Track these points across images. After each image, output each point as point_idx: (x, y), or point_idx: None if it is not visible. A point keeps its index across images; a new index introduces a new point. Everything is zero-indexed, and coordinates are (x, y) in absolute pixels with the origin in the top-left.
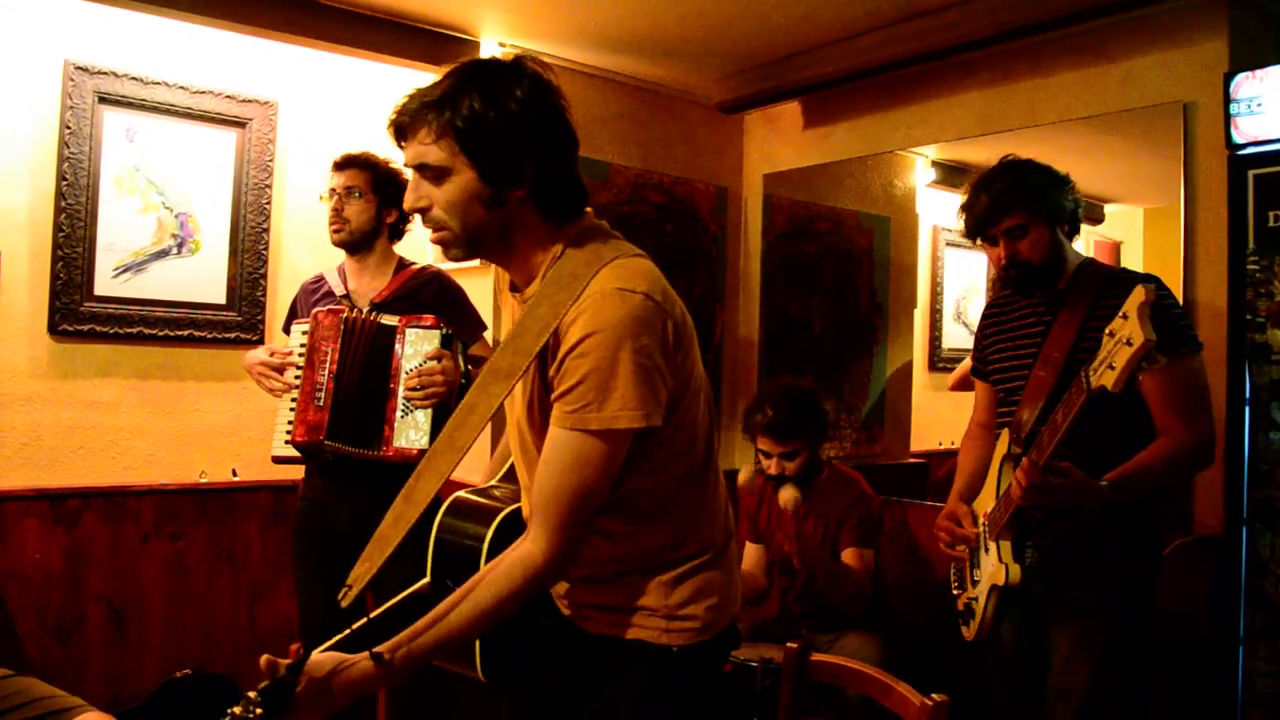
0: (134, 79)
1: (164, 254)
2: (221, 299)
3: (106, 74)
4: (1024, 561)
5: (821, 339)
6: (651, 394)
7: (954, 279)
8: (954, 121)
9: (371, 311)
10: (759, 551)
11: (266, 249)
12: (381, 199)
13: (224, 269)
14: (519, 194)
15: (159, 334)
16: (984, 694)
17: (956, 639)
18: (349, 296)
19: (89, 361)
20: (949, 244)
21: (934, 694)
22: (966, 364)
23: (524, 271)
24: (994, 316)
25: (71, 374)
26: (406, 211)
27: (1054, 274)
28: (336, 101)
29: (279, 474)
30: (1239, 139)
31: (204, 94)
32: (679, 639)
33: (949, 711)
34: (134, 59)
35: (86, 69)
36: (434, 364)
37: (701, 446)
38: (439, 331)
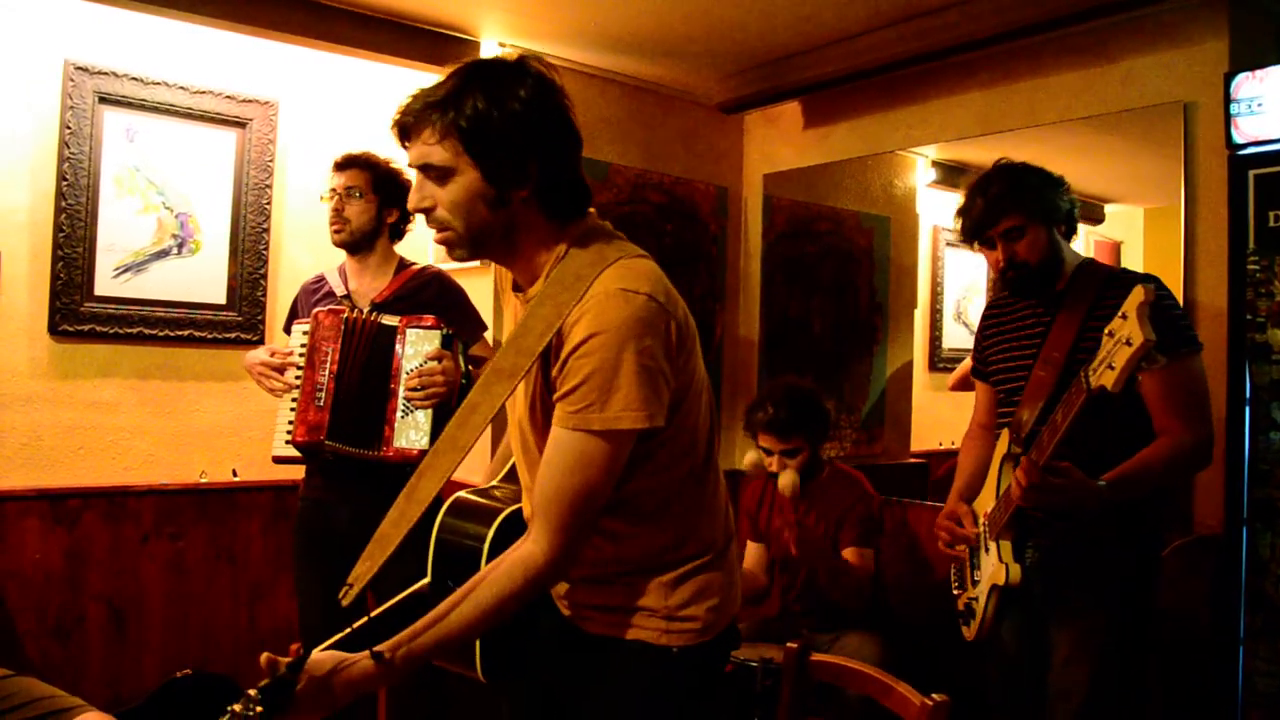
0: (134, 79)
1: (164, 254)
2: (221, 299)
3: (106, 74)
4: (1024, 561)
5: (821, 339)
6: (654, 395)
7: (954, 279)
8: (954, 121)
9: (372, 312)
10: (760, 550)
11: (266, 249)
12: (382, 199)
13: (224, 269)
14: (523, 194)
15: (159, 334)
16: (984, 694)
17: (956, 639)
18: (350, 297)
19: (89, 362)
20: (949, 244)
21: (934, 694)
22: (966, 364)
23: (527, 271)
24: (994, 317)
25: (72, 374)
26: (411, 212)
27: (1052, 275)
28: (336, 101)
29: (279, 474)
30: (1239, 139)
31: (204, 94)
32: (679, 640)
33: (949, 711)
34: (134, 59)
35: (86, 69)
36: (434, 364)
37: (703, 447)
38: (439, 332)
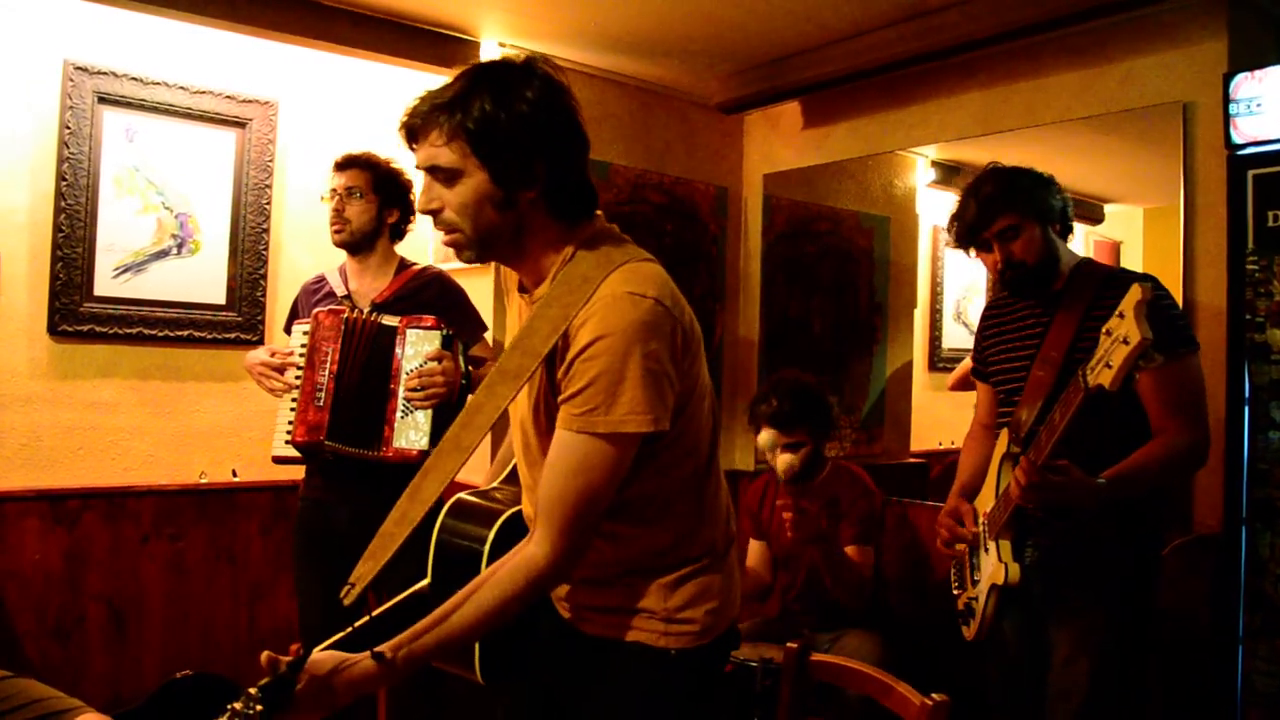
0: (134, 79)
1: (164, 254)
2: (221, 299)
3: (106, 74)
4: (1024, 561)
5: (821, 339)
6: (659, 398)
7: (954, 279)
8: (954, 121)
9: (372, 312)
10: (762, 548)
11: (266, 249)
12: (382, 199)
13: (224, 269)
14: (530, 195)
15: (159, 334)
16: (984, 694)
17: (956, 639)
18: (350, 297)
19: (89, 362)
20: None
21: (934, 694)
22: (966, 364)
23: (534, 273)
24: (993, 317)
25: (71, 374)
26: (419, 213)
27: (1050, 274)
28: (336, 101)
29: (279, 474)
30: (1238, 139)
31: (204, 94)
32: (678, 642)
33: (949, 711)
34: (134, 59)
35: (86, 69)
36: (434, 365)
37: (705, 451)
38: (440, 332)
